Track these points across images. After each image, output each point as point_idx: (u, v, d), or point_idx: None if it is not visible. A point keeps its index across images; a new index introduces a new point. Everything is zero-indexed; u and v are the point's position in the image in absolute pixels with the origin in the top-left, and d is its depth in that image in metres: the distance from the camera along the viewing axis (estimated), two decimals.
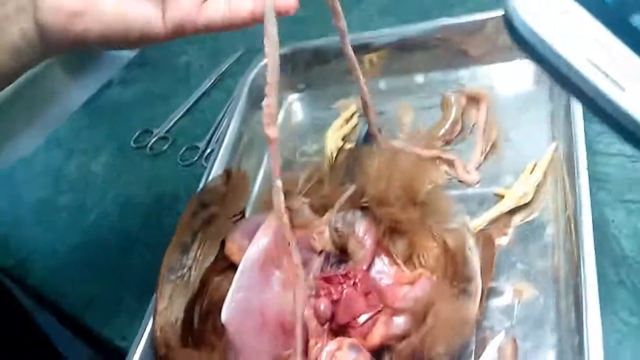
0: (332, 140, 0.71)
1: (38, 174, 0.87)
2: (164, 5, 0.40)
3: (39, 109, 1.24)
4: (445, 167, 0.65)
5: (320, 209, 0.60)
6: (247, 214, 0.64)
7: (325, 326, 0.49)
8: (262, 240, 0.50)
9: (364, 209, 0.57)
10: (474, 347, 0.49)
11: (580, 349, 0.43)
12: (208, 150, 0.79)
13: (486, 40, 0.72)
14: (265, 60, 0.41)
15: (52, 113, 1.18)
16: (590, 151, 0.61)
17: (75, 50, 0.41)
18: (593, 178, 0.59)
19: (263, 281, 0.50)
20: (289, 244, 0.48)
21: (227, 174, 0.61)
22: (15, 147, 1.04)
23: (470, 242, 0.53)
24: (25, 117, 1.24)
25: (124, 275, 0.69)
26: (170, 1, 0.40)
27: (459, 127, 0.68)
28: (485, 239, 0.53)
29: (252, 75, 0.78)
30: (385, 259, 0.55)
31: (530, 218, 0.58)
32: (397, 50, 0.76)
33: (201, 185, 0.66)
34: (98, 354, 1.11)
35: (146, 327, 0.53)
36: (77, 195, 0.82)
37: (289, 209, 0.60)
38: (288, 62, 0.79)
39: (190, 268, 0.55)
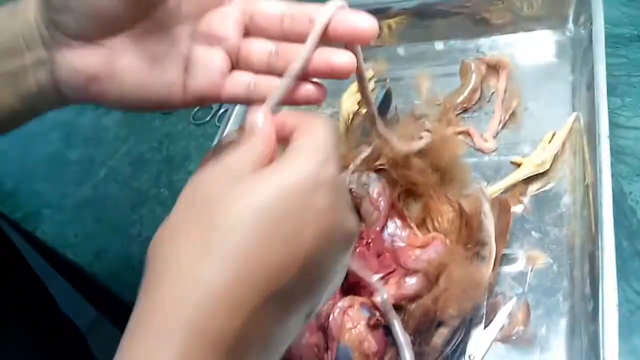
0: (348, 103, 0.70)
1: (49, 129, 0.87)
2: (186, 75, 0.36)
3: None
4: (461, 136, 0.64)
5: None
6: None
7: None
8: None
9: (379, 171, 0.56)
10: (485, 311, 0.49)
11: (594, 317, 0.43)
12: (221, 111, 0.78)
13: (508, 9, 0.71)
14: None
15: None
16: (610, 124, 0.60)
17: None
18: (611, 150, 0.58)
19: None
20: None
21: (243, 129, 0.60)
22: None
23: (486, 207, 0.52)
24: None
25: (133, 231, 0.69)
26: (193, 72, 0.36)
27: (477, 95, 0.67)
28: (501, 205, 0.53)
29: None
30: (399, 222, 0.55)
31: (547, 187, 0.57)
32: (417, 16, 0.75)
33: (215, 142, 0.65)
34: (104, 316, 1.12)
35: None
36: (88, 151, 0.82)
37: None
38: None
39: None
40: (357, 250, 0.50)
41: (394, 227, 0.55)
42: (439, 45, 0.75)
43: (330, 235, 0.29)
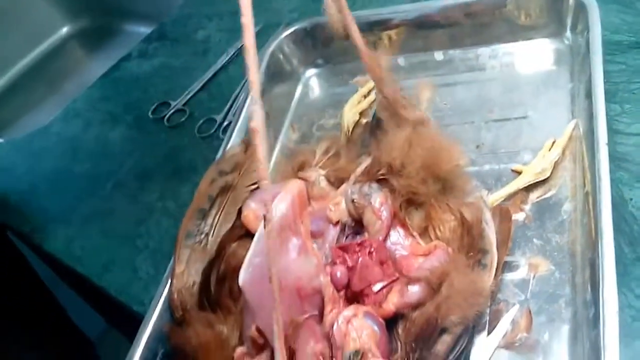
0: (350, 114, 0.71)
1: (56, 143, 0.88)
2: None
3: (58, 82, 1.25)
4: None
5: (337, 181, 0.60)
6: None
7: (341, 293, 0.50)
8: (279, 207, 0.50)
9: (380, 181, 0.57)
10: (488, 319, 0.49)
11: (595, 323, 0.44)
12: (225, 123, 0.79)
13: (506, 18, 0.72)
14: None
15: (70, 87, 1.19)
16: (610, 130, 0.61)
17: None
18: (612, 157, 0.59)
19: (280, 247, 0.50)
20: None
21: (246, 143, 0.61)
22: (34, 119, 1.05)
23: (487, 215, 0.53)
24: (44, 89, 1.26)
25: (140, 243, 0.70)
26: None
27: None
28: (502, 213, 0.53)
29: (270, 50, 0.78)
30: (401, 231, 0.55)
31: (548, 195, 0.58)
32: (417, 27, 0.76)
33: (219, 155, 0.66)
34: (112, 326, 1.12)
35: (163, 290, 0.54)
36: (94, 165, 0.83)
37: (306, 180, 0.61)
38: (307, 37, 0.80)
39: (207, 234, 0.56)
40: (360, 260, 0.51)
41: (396, 236, 0.55)
42: (439, 56, 0.76)
43: None
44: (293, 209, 0.51)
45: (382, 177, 0.57)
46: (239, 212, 0.58)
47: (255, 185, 0.59)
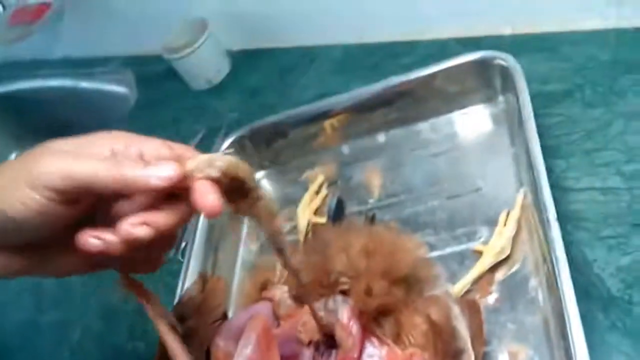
0: (304, 216, 0.70)
1: (17, 294, 0.86)
2: None
3: None
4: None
5: (300, 298, 0.59)
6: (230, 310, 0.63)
7: None
8: (244, 353, 0.49)
9: (344, 292, 0.56)
10: None
11: None
12: (183, 244, 0.77)
13: (439, 91, 0.72)
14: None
15: None
16: (560, 189, 0.61)
17: None
18: (567, 218, 0.59)
19: None
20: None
21: (203, 281, 0.60)
22: None
23: (456, 310, 0.52)
24: None
25: None
26: None
27: None
28: (470, 305, 0.52)
29: None
30: (375, 341, 0.54)
31: (513, 270, 0.57)
32: (356, 112, 0.76)
33: (179, 288, 0.65)
34: None
35: None
36: (59, 312, 0.80)
37: (270, 300, 0.60)
38: (249, 142, 0.79)
39: None
40: None
41: (371, 347, 0.54)
42: (382, 137, 0.76)
43: None
44: (260, 349, 0.50)
45: (344, 288, 0.56)
46: (208, 352, 0.56)
47: (220, 321, 0.58)
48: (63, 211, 0.35)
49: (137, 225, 0.35)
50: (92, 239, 0.35)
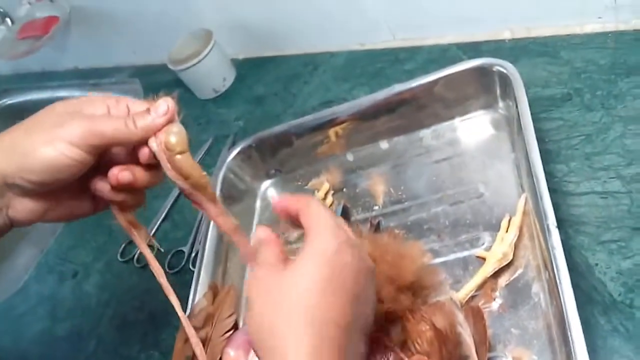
0: None
1: (35, 305, 0.88)
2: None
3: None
4: None
5: None
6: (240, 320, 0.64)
7: None
8: None
9: None
10: None
11: None
12: (193, 254, 0.79)
13: (440, 97, 0.73)
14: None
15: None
16: (560, 193, 0.62)
17: None
18: (568, 222, 0.60)
19: None
20: None
21: (213, 292, 0.61)
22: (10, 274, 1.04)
23: (460, 317, 0.53)
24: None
25: None
26: None
27: None
28: (474, 312, 0.54)
29: (221, 173, 0.79)
30: (382, 348, 0.55)
31: (516, 276, 0.58)
32: (360, 120, 0.77)
33: (190, 298, 0.66)
34: None
35: None
36: (74, 323, 0.82)
37: None
38: (255, 151, 0.81)
39: None
40: None
41: (380, 355, 0.55)
42: (384, 145, 0.77)
43: (361, 274, 0.42)
44: None
45: None
46: None
47: (231, 331, 0.59)
48: (90, 161, 0.44)
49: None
50: (125, 172, 0.46)
